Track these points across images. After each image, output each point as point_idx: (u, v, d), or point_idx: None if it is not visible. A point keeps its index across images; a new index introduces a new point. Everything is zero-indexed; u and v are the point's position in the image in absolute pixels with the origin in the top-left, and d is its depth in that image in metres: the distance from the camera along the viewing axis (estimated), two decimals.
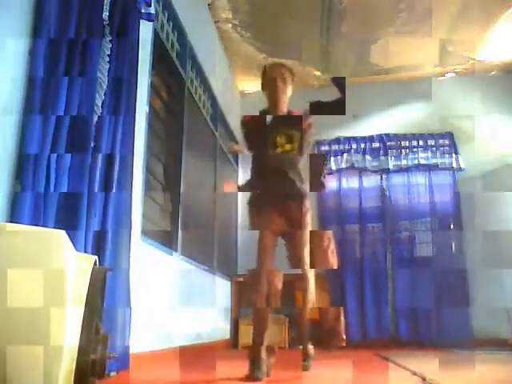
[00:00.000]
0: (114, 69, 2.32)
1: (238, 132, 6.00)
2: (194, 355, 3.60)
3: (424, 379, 2.04)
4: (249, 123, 2.58)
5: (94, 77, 2.12)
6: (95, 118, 2.14)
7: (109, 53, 2.29)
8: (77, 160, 1.97)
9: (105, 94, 2.24)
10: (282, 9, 4.69)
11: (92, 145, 2.09)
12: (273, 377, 2.36)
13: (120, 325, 2.18)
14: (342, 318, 2.77)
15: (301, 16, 4.78)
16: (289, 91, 2.54)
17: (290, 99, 2.58)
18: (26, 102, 1.75)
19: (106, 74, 2.26)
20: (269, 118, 2.50)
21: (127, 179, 2.39)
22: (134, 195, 2.48)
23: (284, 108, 2.53)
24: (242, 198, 5.96)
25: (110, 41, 2.30)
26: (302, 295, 2.52)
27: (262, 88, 2.59)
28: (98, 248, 2.07)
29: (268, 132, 2.45)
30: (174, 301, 3.40)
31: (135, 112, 2.53)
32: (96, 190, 2.09)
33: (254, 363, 2.25)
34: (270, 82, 2.50)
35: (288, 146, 2.41)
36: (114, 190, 2.23)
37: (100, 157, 2.15)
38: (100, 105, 2.21)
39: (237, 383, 2.10)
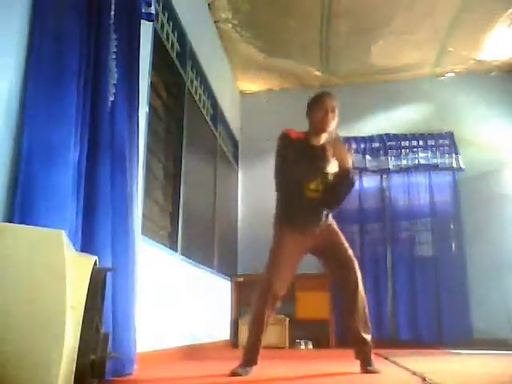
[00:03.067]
0: (120, 68, 2.32)
1: (237, 132, 6.01)
2: (194, 355, 3.60)
3: (424, 379, 2.04)
4: (292, 141, 2.55)
5: (105, 75, 2.13)
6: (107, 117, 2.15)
7: (115, 50, 2.29)
8: (90, 159, 1.98)
9: (114, 93, 2.23)
10: (282, 9, 4.69)
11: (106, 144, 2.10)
12: (274, 376, 2.36)
13: (126, 325, 2.18)
14: None
15: (301, 16, 4.78)
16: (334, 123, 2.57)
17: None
18: (29, 99, 1.75)
19: (115, 70, 2.26)
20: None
21: (134, 177, 2.39)
22: None
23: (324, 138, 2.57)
24: (242, 198, 5.98)
25: (116, 39, 2.30)
26: (352, 298, 2.50)
27: (310, 114, 2.57)
28: (102, 248, 2.05)
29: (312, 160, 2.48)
30: (174, 301, 3.40)
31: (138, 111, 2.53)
32: (105, 188, 2.09)
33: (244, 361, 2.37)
34: (322, 112, 2.52)
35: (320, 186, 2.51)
36: (119, 189, 2.24)
37: (110, 156, 2.15)
38: (109, 104, 2.21)
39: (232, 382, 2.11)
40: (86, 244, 1.91)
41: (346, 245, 2.56)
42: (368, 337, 2.51)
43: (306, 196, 2.50)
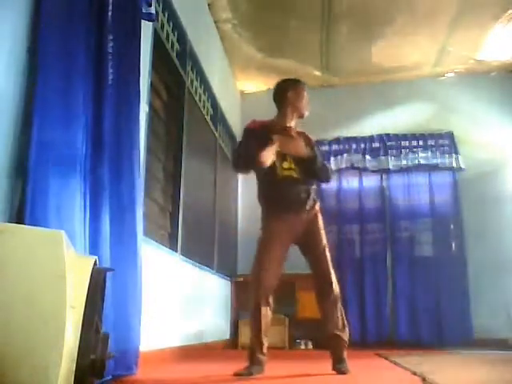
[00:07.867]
0: (118, 68, 2.31)
1: (237, 132, 6.01)
2: (194, 355, 3.60)
3: (424, 379, 2.04)
4: (257, 129, 2.65)
5: (106, 74, 2.14)
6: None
7: (111, 51, 2.28)
8: (93, 159, 1.98)
9: (111, 94, 2.22)
10: (282, 9, 4.69)
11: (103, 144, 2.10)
12: (275, 376, 2.36)
13: (130, 326, 2.19)
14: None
15: (301, 16, 4.78)
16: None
17: None
18: (31, 97, 1.74)
19: (112, 70, 2.25)
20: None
21: (137, 177, 2.39)
22: None
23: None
24: (242, 198, 5.98)
25: (112, 39, 2.29)
26: (329, 307, 2.51)
27: (293, 96, 2.72)
28: (107, 248, 2.05)
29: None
30: (174, 301, 3.40)
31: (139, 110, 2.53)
32: (109, 188, 2.09)
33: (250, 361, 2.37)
34: (306, 98, 2.72)
35: (292, 164, 2.55)
36: (123, 189, 2.24)
37: (113, 156, 2.15)
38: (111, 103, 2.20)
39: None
40: (92, 244, 1.91)
41: (323, 239, 2.55)
42: (343, 334, 2.49)
43: (282, 175, 2.53)
